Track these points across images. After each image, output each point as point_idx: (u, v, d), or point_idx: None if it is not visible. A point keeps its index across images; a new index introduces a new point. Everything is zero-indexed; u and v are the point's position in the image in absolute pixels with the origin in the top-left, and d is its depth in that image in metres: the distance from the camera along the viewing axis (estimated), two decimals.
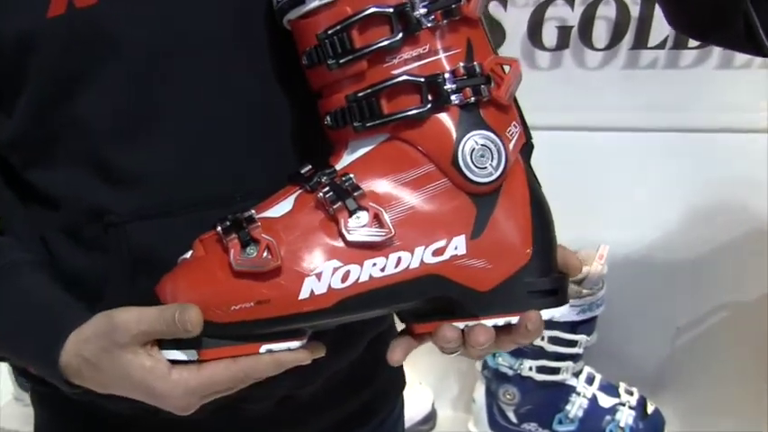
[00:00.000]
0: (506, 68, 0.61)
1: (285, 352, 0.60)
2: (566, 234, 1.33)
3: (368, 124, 0.60)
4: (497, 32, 1.43)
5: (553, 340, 1.38)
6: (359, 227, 0.58)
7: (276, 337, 0.60)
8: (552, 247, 0.63)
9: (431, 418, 1.65)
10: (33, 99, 0.65)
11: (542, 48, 1.42)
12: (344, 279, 0.58)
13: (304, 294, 0.58)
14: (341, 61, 0.59)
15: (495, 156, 0.60)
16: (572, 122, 1.42)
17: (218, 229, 0.60)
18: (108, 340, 0.60)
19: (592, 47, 1.40)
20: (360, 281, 0.58)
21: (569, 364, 1.41)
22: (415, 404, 1.60)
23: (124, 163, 0.65)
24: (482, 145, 0.59)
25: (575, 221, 1.40)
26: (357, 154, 0.62)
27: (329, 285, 0.58)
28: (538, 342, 1.36)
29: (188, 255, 0.61)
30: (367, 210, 0.58)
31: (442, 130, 0.59)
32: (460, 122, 0.59)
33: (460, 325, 0.61)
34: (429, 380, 1.65)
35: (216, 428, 0.76)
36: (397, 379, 0.94)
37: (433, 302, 0.61)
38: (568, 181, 1.41)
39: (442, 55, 0.59)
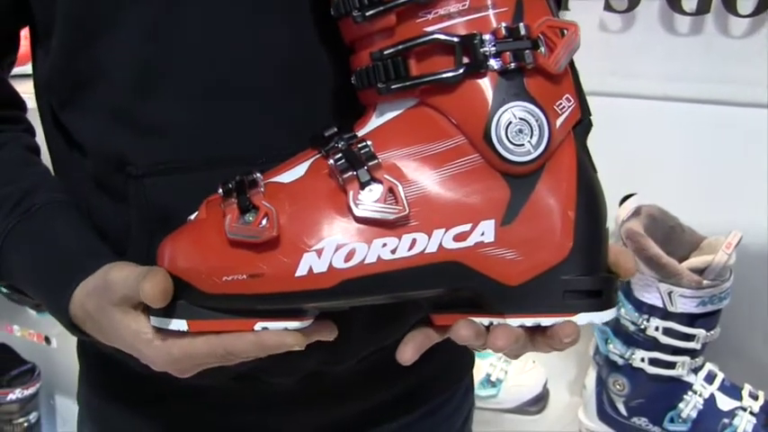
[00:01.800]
0: (564, 33, 0.54)
1: (271, 333, 0.55)
2: (696, 219, 1.26)
3: (393, 86, 0.54)
4: None
5: (668, 332, 1.29)
6: (370, 201, 0.53)
7: (275, 314, 0.55)
8: (599, 243, 0.56)
9: (541, 399, 1.58)
10: (61, 42, 0.65)
11: (681, 11, 1.31)
12: (348, 258, 0.53)
13: (301, 271, 0.53)
14: (367, 14, 0.53)
15: (536, 132, 0.53)
16: (713, 95, 1.31)
17: (219, 191, 0.56)
18: (102, 297, 0.59)
19: (736, 13, 1.27)
20: (366, 262, 0.53)
21: (686, 359, 1.32)
22: (524, 384, 1.55)
23: (143, 114, 0.63)
24: (521, 118, 0.53)
25: (709, 205, 1.32)
26: (383, 119, 0.56)
27: (330, 264, 0.53)
28: (651, 332, 1.28)
29: (193, 216, 0.58)
30: (381, 182, 0.53)
31: (475, 98, 0.53)
32: (498, 91, 0.53)
33: (484, 321, 0.55)
34: (544, 358, 1.57)
35: (239, 398, 0.75)
36: (453, 365, 0.88)
37: (455, 293, 0.55)
38: (705, 159, 1.34)
39: (483, 13, 0.53)
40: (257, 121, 0.63)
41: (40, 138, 0.77)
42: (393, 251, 0.53)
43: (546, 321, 0.54)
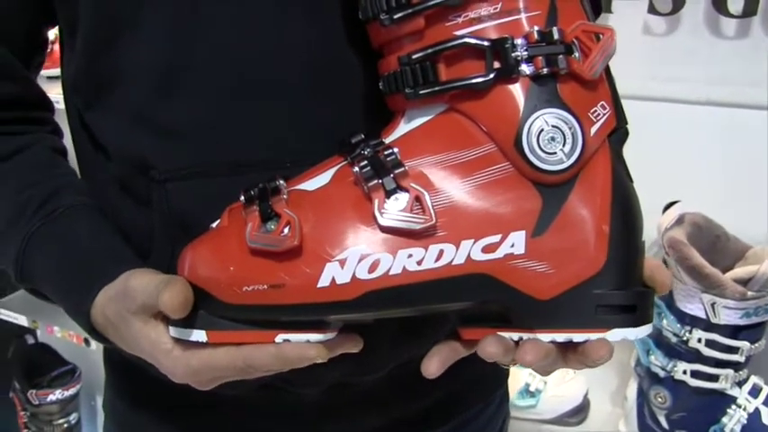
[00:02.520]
0: (600, 38, 0.52)
1: (292, 346, 0.54)
2: (741, 227, 1.24)
3: (421, 92, 0.53)
4: None
5: (711, 344, 1.27)
6: (395, 210, 0.51)
7: (297, 326, 0.54)
8: (634, 256, 0.54)
9: (581, 410, 1.56)
10: (84, 42, 0.64)
11: (727, 14, 1.28)
12: (372, 269, 0.51)
13: (323, 282, 0.51)
14: (395, 17, 0.52)
15: (570, 140, 0.51)
16: (759, 100, 1.28)
17: (242, 198, 0.55)
18: (122, 305, 0.58)
19: None
20: (390, 273, 0.51)
21: (729, 372, 1.30)
22: (564, 394, 1.54)
23: (166, 116, 0.62)
24: (553, 126, 0.51)
25: (755, 214, 1.29)
26: (412, 125, 0.55)
27: (353, 275, 0.51)
28: (693, 344, 1.27)
29: (215, 223, 0.57)
30: (408, 191, 0.52)
31: (506, 104, 0.51)
32: (530, 97, 0.51)
33: (514, 336, 0.53)
34: (585, 369, 1.54)
35: (263, 408, 0.74)
36: (486, 379, 0.86)
37: (484, 306, 0.54)
38: (751, 166, 1.32)
39: (515, 16, 0.51)
40: (283, 125, 0.62)
41: (68, 139, 0.77)
42: (419, 262, 0.51)
43: (578, 337, 0.52)
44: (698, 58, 1.31)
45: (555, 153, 0.51)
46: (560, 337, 0.52)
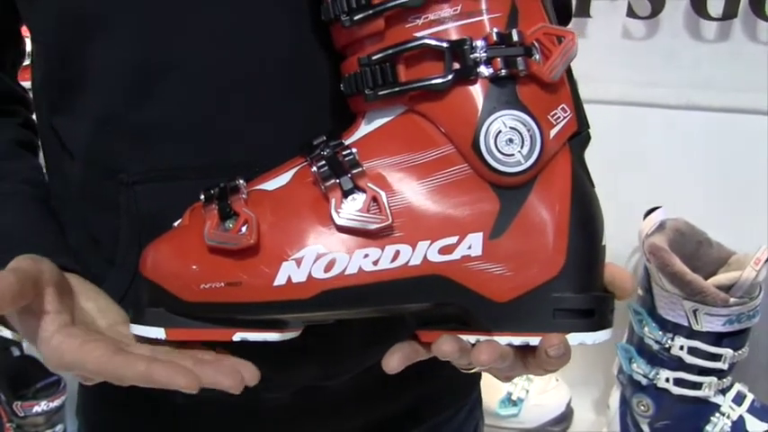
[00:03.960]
0: (561, 41, 0.53)
1: (161, 370, 0.52)
2: (724, 233, 1.25)
3: (380, 92, 0.53)
4: None
5: (693, 351, 1.28)
6: (352, 210, 0.52)
7: (255, 325, 0.55)
8: (593, 260, 0.55)
9: (564, 418, 1.57)
10: (50, 43, 0.64)
11: (707, 17, 1.30)
12: (328, 269, 0.52)
13: (280, 281, 0.52)
14: (355, 18, 0.53)
15: (528, 142, 0.52)
16: (740, 104, 1.30)
17: (202, 197, 0.56)
18: None
19: (765, 17, 1.26)
20: (346, 273, 0.52)
21: (712, 379, 1.31)
22: (547, 403, 1.54)
23: (135, 119, 0.62)
24: (511, 128, 0.52)
25: (737, 220, 1.29)
26: (372, 126, 0.56)
27: (309, 274, 0.52)
28: (676, 352, 1.28)
29: (177, 222, 0.58)
30: (365, 191, 0.52)
31: (464, 105, 0.52)
32: (488, 99, 0.52)
33: (471, 339, 0.54)
34: (568, 377, 1.56)
35: (231, 414, 0.74)
36: (456, 383, 0.87)
37: (442, 309, 0.54)
38: (734, 171, 1.33)
39: (476, 18, 0.52)
40: (256, 127, 0.63)
41: None
42: (375, 262, 0.52)
43: (534, 341, 0.53)
44: (678, 61, 1.33)
45: (513, 155, 0.52)
46: (517, 340, 0.53)
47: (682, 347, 1.27)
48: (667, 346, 1.28)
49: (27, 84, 0.76)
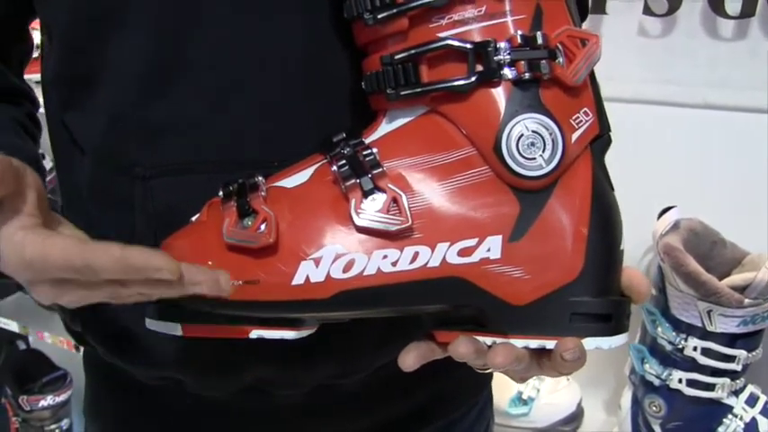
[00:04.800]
0: (585, 44, 0.53)
1: (137, 252, 0.48)
2: (738, 233, 1.24)
3: (402, 92, 0.54)
4: None
5: (707, 353, 1.27)
6: (372, 211, 0.52)
7: (273, 323, 0.56)
8: (611, 264, 0.55)
9: (575, 418, 1.56)
10: (67, 38, 0.65)
11: (724, 15, 1.29)
12: (347, 269, 0.52)
13: (298, 280, 0.53)
14: (378, 16, 0.53)
15: (549, 146, 0.52)
16: (757, 104, 1.28)
17: (220, 193, 0.56)
18: None
19: None
20: (365, 273, 0.52)
21: (726, 380, 1.30)
22: (558, 402, 1.54)
23: (151, 114, 0.63)
24: (533, 131, 0.52)
25: (751, 220, 1.29)
26: (393, 126, 0.56)
27: (328, 274, 0.53)
28: (689, 352, 1.27)
29: (195, 217, 0.58)
30: (385, 192, 0.53)
31: (487, 107, 0.52)
32: (511, 102, 0.52)
33: (488, 341, 0.54)
34: (579, 376, 1.55)
35: (245, 411, 0.75)
36: (468, 381, 0.87)
37: (459, 310, 0.55)
38: (750, 171, 1.32)
39: (500, 20, 0.52)
40: (272, 123, 0.63)
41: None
42: (394, 263, 0.52)
43: (551, 344, 0.53)
44: (694, 60, 1.32)
45: (534, 159, 0.52)
46: (533, 343, 0.53)
47: (695, 348, 1.26)
48: (680, 346, 1.27)
49: (33, 76, 0.77)
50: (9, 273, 0.54)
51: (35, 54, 0.80)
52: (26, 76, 0.81)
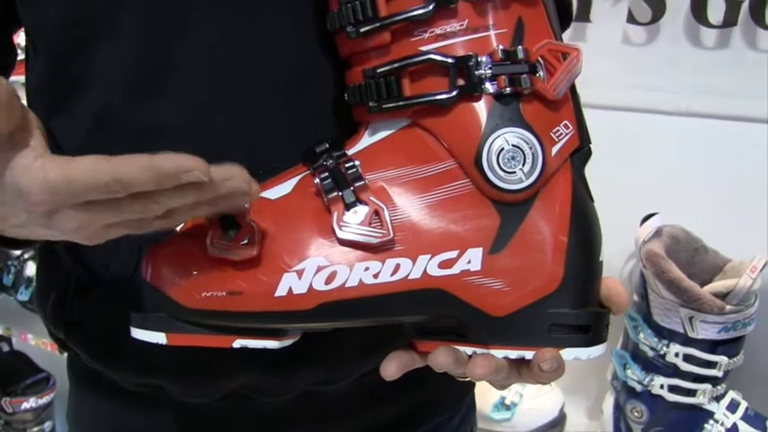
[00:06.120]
0: (566, 57, 0.54)
1: (165, 157, 0.47)
2: (720, 240, 1.26)
3: (384, 105, 0.55)
4: (657, 5, 1.33)
5: (688, 359, 1.28)
6: (354, 223, 0.53)
7: (256, 333, 0.56)
8: (590, 276, 0.56)
9: (557, 423, 1.58)
10: (53, 43, 0.65)
11: (707, 24, 1.31)
12: (329, 281, 0.53)
13: (281, 292, 0.53)
14: (361, 30, 0.54)
15: (530, 160, 0.53)
16: (739, 112, 1.30)
17: None
18: None
19: (765, 25, 1.27)
20: (347, 285, 0.53)
21: (707, 386, 1.31)
22: (540, 408, 1.55)
23: (136, 119, 0.63)
24: (514, 145, 0.53)
25: (733, 227, 1.30)
26: (375, 138, 0.57)
27: (310, 285, 0.53)
28: (671, 358, 1.28)
29: (179, 227, 0.59)
30: (367, 204, 0.54)
31: (468, 121, 0.53)
32: (492, 115, 0.53)
33: (468, 350, 0.56)
34: (562, 382, 1.56)
35: (229, 418, 0.75)
36: (452, 387, 0.88)
37: (439, 320, 0.56)
38: (732, 178, 1.34)
39: (481, 34, 0.53)
40: (257, 131, 0.63)
41: None
42: (375, 275, 0.53)
43: (530, 354, 0.54)
44: (678, 68, 1.34)
45: (514, 172, 0.53)
46: (513, 353, 0.54)
47: (677, 354, 1.27)
48: (662, 352, 1.28)
49: (18, 78, 0.76)
50: (29, 204, 0.50)
51: (20, 56, 0.80)
52: (12, 78, 0.81)
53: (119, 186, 0.47)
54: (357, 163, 0.55)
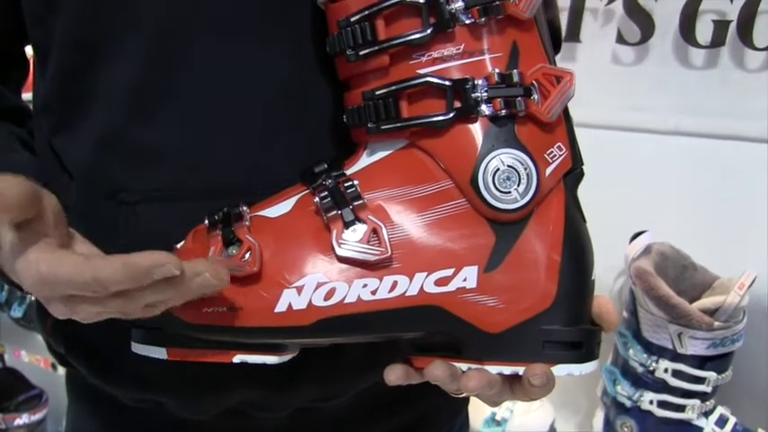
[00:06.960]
0: (560, 81, 0.56)
1: (139, 255, 0.50)
2: (709, 257, 1.27)
3: (382, 127, 0.56)
4: (646, 25, 1.35)
5: (677, 374, 1.29)
6: (353, 241, 0.55)
7: (256, 348, 0.57)
8: (583, 294, 0.57)
9: None
10: (59, 64, 0.66)
11: (696, 44, 1.33)
12: (328, 297, 0.55)
13: (281, 308, 0.55)
14: (360, 53, 0.55)
15: (525, 180, 0.55)
16: (727, 131, 1.32)
17: (206, 221, 0.58)
18: None
19: (752, 45, 1.29)
20: (345, 301, 0.55)
21: (696, 402, 1.32)
22: (531, 424, 1.55)
23: (139, 140, 0.64)
24: (509, 166, 0.55)
25: (721, 244, 1.32)
26: (373, 158, 0.58)
27: (310, 301, 0.55)
28: (660, 374, 1.29)
29: (180, 245, 0.60)
30: (365, 223, 0.55)
31: (464, 142, 0.55)
32: (488, 137, 0.55)
33: (463, 366, 0.57)
34: (552, 398, 1.57)
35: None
36: (446, 406, 0.89)
37: (436, 336, 0.57)
38: (720, 196, 1.35)
39: (478, 57, 0.55)
40: (257, 152, 0.64)
41: None
42: (373, 292, 0.54)
43: (522, 370, 0.55)
44: (667, 87, 1.35)
45: (509, 192, 0.54)
46: (507, 369, 0.56)
47: (666, 370, 1.28)
48: (652, 368, 1.29)
49: (28, 95, 0.78)
50: (29, 291, 0.55)
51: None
52: (24, 96, 0.83)
53: (98, 285, 0.50)
54: (356, 182, 0.56)
